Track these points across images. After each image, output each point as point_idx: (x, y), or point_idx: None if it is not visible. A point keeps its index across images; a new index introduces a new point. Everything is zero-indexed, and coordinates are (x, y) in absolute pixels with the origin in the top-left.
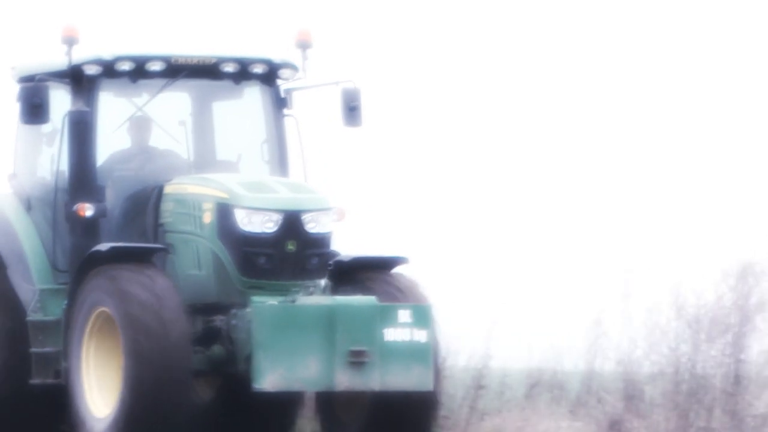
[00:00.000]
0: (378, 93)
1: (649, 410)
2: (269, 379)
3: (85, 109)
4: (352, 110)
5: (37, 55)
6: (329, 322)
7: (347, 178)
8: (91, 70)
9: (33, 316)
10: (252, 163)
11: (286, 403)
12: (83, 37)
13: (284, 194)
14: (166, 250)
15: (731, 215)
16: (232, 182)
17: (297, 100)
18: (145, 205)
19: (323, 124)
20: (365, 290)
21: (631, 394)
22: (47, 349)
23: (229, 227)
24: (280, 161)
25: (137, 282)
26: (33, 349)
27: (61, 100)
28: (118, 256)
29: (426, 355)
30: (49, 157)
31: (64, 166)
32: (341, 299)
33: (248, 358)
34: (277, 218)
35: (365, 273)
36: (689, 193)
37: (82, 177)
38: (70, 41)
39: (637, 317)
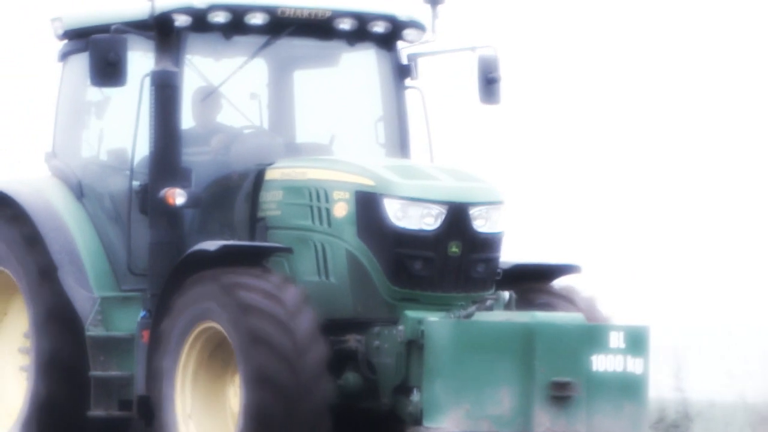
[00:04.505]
0: (522, 62)
1: None
2: (450, 415)
3: (174, 69)
4: (490, 83)
5: (84, 4)
6: (526, 344)
7: (484, 166)
8: (180, 20)
9: (93, 330)
10: (360, 146)
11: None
12: None
13: (447, 182)
14: (289, 250)
15: None
16: (375, 166)
17: (422, 69)
18: (234, 194)
19: (454, 98)
20: (529, 306)
21: None
22: (111, 373)
23: (375, 222)
24: (400, 144)
25: (260, 290)
26: (93, 373)
27: (134, 58)
28: (226, 258)
29: (641, 390)
30: (97, 132)
31: (141, 142)
32: (541, 315)
33: (398, 390)
34: (439, 212)
35: (526, 283)
36: None
37: (169, 156)
38: None
39: None
